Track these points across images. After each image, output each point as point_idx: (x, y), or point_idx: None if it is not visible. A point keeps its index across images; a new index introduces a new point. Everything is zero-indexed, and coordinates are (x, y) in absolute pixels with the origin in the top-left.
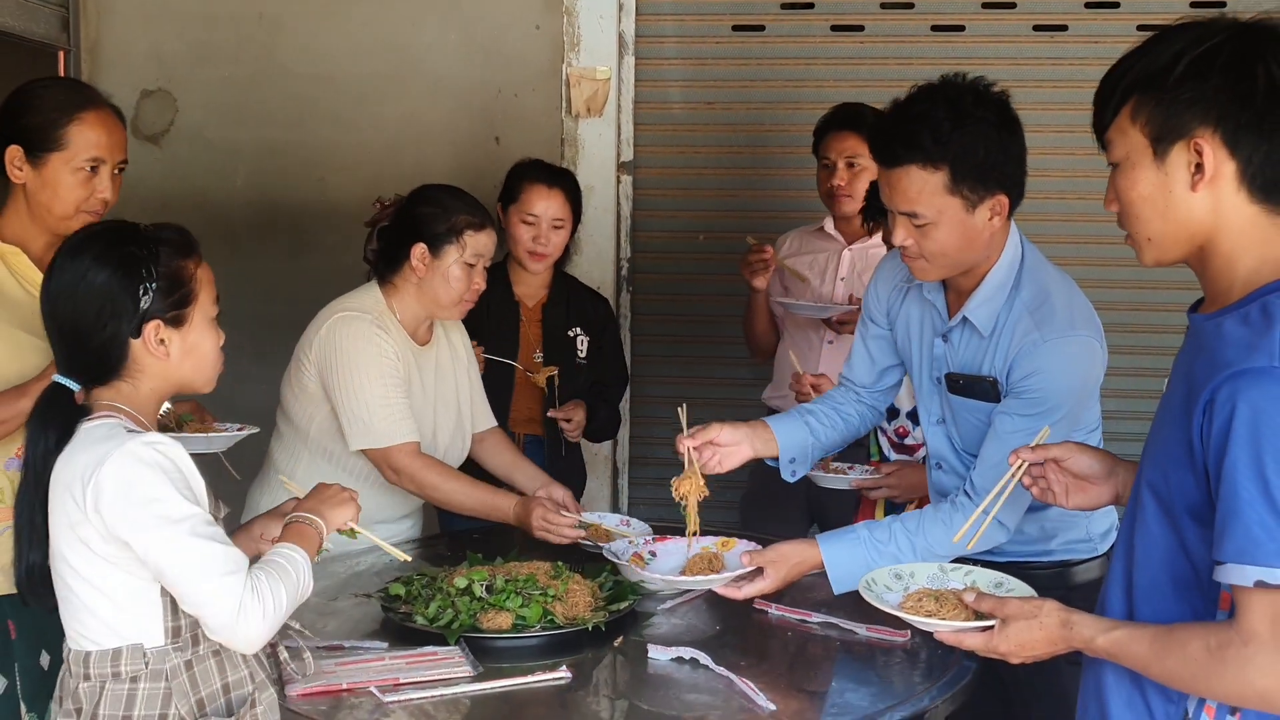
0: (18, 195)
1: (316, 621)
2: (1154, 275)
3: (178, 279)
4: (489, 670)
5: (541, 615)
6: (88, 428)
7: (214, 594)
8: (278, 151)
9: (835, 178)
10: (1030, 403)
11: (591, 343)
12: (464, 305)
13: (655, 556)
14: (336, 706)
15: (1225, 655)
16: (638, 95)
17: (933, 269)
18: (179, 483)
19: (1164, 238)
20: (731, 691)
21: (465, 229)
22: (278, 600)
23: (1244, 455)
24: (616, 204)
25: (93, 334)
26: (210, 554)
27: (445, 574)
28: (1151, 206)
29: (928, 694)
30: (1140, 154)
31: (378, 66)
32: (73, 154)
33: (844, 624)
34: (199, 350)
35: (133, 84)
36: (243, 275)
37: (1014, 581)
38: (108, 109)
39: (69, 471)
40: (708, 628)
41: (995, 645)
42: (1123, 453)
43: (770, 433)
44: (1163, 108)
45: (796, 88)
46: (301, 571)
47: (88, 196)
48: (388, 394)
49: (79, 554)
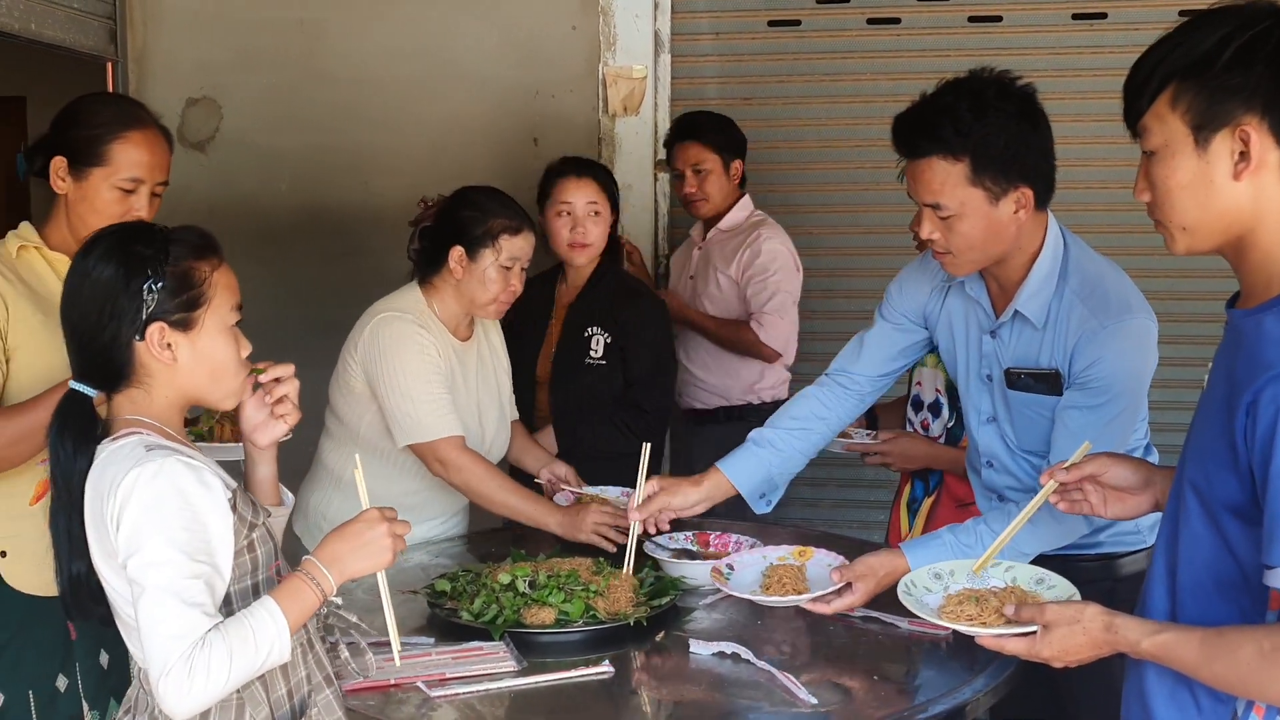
0: (60, 205)
1: (363, 618)
2: (1197, 264)
3: (187, 280)
4: (533, 665)
5: (584, 610)
6: (112, 448)
7: (149, 650)
8: (321, 156)
9: (686, 186)
10: (1094, 392)
11: (614, 343)
12: (500, 306)
13: (734, 570)
14: (385, 701)
15: (1279, 659)
16: (674, 93)
17: (962, 263)
18: (177, 517)
19: (1200, 227)
20: (774, 685)
21: (501, 233)
22: (213, 677)
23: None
24: (654, 202)
25: (96, 335)
26: (161, 611)
27: (489, 570)
28: (1191, 195)
29: (970, 686)
30: (1180, 142)
31: (417, 69)
32: (113, 171)
33: (886, 618)
34: (213, 359)
35: (179, 92)
36: (289, 279)
37: (1055, 578)
38: (155, 129)
39: (96, 498)
40: (749, 622)
41: (1038, 651)
42: (1167, 443)
43: (724, 478)
44: (1206, 95)
45: (833, 82)
46: (269, 644)
47: (123, 214)
48: (431, 389)
49: (120, 580)
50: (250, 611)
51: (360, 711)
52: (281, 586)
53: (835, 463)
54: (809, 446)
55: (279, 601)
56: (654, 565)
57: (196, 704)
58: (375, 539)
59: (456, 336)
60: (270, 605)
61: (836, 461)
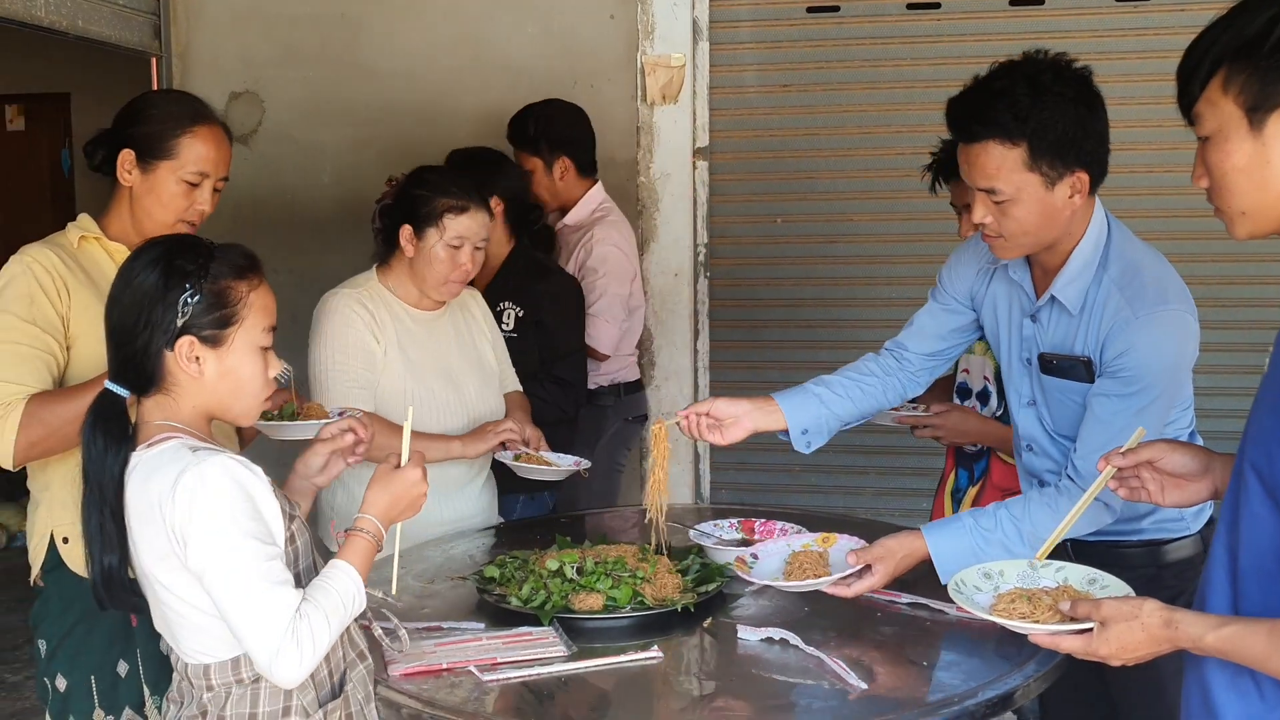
0: (123, 197)
1: (415, 604)
2: (1246, 248)
3: (223, 298)
4: (582, 650)
5: (631, 596)
6: (155, 453)
7: (253, 638)
8: (362, 149)
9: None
10: (1125, 381)
11: (525, 317)
12: (451, 286)
13: (757, 559)
14: (438, 686)
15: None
16: (713, 81)
17: (1012, 247)
18: (243, 509)
19: (1260, 210)
20: (823, 671)
21: (445, 212)
22: (318, 641)
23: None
24: (693, 190)
25: (131, 339)
26: (255, 597)
27: (536, 557)
28: (1248, 178)
29: (1020, 673)
30: (1234, 125)
31: (456, 61)
32: (180, 164)
33: (934, 604)
34: (236, 376)
35: (222, 87)
36: (332, 270)
37: (1109, 578)
38: (219, 126)
39: (145, 503)
40: (796, 609)
41: (1095, 649)
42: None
43: (775, 406)
44: (1258, 76)
45: (874, 67)
46: (352, 598)
47: (188, 207)
48: (342, 360)
49: (179, 583)
50: (327, 575)
51: (414, 695)
52: (347, 546)
53: (877, 450)
54: (863, 401)
55: (349, 560)
56: (699, 552)
57: (308, 669)
58: (418, 496)
59: (419, 308)
60: (343, 565)
61: (878, 449)
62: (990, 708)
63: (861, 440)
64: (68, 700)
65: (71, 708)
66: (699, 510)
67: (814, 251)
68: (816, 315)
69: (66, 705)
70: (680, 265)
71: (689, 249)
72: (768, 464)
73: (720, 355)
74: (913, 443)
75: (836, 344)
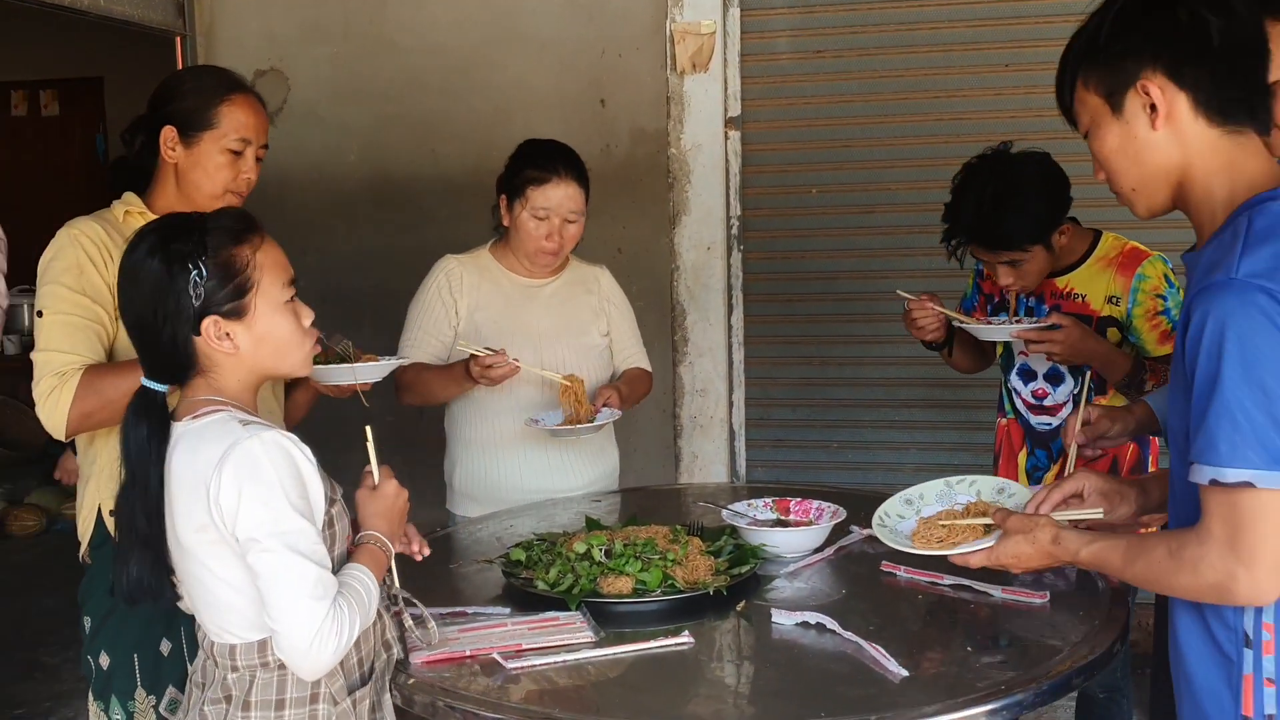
0: (168, 175)
1: (440, 588)
2: None
3: (230, 269)
4: (610, 636)
5: (662, 580)
6: (203, 424)
7: (295, 616)
8: (388, 125)
9: None
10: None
11: None
12: (541, 256)
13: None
14: (461, 674)
15: (1183, 555)
16: (744, 48)
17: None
18: (293, 485)
19: (1145, 183)
20: (861, 657)
21: (528, 184)
22: (351, 633)
23: (1206, 363)
24: (725, 161)
25: (155, 335)
26: (304, 574)
27: (564, 539)
28: (1124, 157)
29: (1069, 658)
30: (1101, 114)
31: (482, 33)
32: (223, 133)
33: (978, 585)
34: (275, 338)
35: (246, 65)
36: (362, 248)
37: (1015, 486)
38: (253, 94)
39: (191, 473)
40: (833, 591)
41: (996, 558)
42: None
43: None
44: (1105, 66)
45: (909, 30)
46: (373, 603)
47: (235, 176)
48: (416, 319)
49: (214, 556)
50: (351, 574)
51: (437, 684)
52: (362, 554)
53: (918, 425)
54: None
55: (365, 564)
56: (732, 533)
57: (336, 660)
58: (404, 505)
59: (529, 277)
60: (363, 569)
61: (919, 424)
62: (1040, 696)
63: (901, 415)
64: (110, 679)
65: (114, 687)
66: (734, 489)
67: (851, 222)
68: (854, 288)
69: (109, 684)
70: (713, 239)
71: (721, 222)
72: (804, 440)
73: (755, 330)
74: (954, 418)
75: (874, 317)
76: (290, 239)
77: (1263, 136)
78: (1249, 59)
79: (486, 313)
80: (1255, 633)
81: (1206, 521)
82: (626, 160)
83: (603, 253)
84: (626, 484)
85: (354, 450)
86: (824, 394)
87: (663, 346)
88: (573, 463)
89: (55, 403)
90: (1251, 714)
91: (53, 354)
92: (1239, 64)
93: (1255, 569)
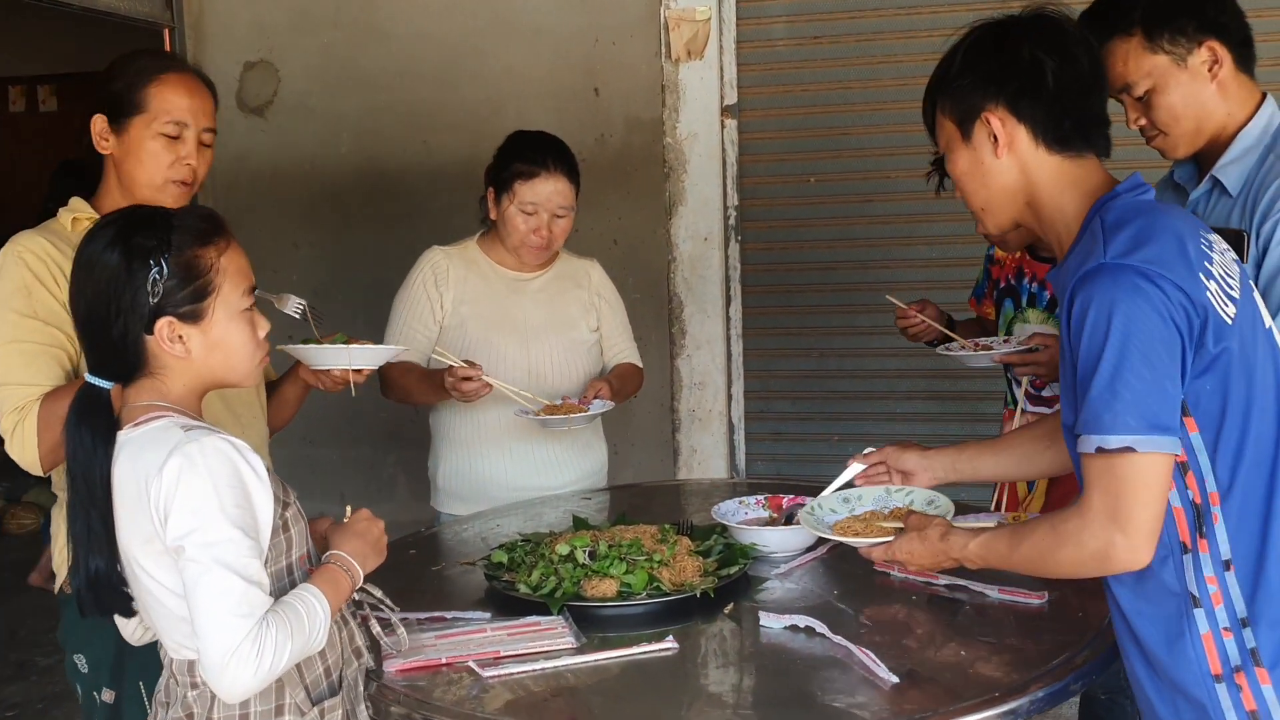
0: (109, 171)
1: (422, 592)
2: None
3: (192, 270)
4: (592, 641)
5: (648, 582)
6: (143, 431)
7: (212, 633)
8: (380, 116)
9: None
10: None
11: None
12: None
13: None
14: (434, 682)
15: (1065, 529)
16: (740, 34)
17: (1176, 140)
18: (231, 494)
19: (992, 203)
20: (851, 662)
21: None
22: (277, 657)
23: (1088, 342)
24: (721, 150)
25: (105, 329)
26: (227, 589)
27: (548, 540)
28: (973, 178)
29: (1067, 662)
30: (953, 139)
31: (475, 21)
32: (152, 116)
33: (974, 586)
34: (226, 346)
35: (236, 56)
36: (354, 242)
37: (942, 499)
38: (190, 73)
39: (134, 483)
40: (825, 593)
41: (893, 552)
42: None
43: None
44: (954, 97)
45: (908, 15)
46: (319, 628)
47: (173, 162)
48: (398, 311)
49: (161, 568)
50: (298, 595)
51: (409, 694)
52: (320, 575)
53: (920, 418)
54: None
55: (320, 587)
56: (723, 532)
57: (258, 684)
58: (376, 537)
59: (515, 270)
60: (315, 591)
61: (921, 416)
62: (1035, 705)
63: (903, 408)
64: (119, 714)
65: (124, 711)
66: (733, 485)
67: (850, 211)
68: (853, 278)
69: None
70: (710, 229)
71: (719, 212)
72: (804, 434)
73: (754, 322)
74: (956, 409)
75: (874, 308)
76: (282, 231)
77: (1103, 159)
78: (1082, 97)
79: (473, 306)
80: (1200, 589)
81: (1087, 494)
82: (621, 150)
83: (597, 244)
84: (624, 479)
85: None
86: (824, 386)
87: (660, 339)
88: (559, 459)
89: (22, 440)
90: (1220, 672)
91: (11, 388)
92: (1073, 101)
93: (1132, 534)
